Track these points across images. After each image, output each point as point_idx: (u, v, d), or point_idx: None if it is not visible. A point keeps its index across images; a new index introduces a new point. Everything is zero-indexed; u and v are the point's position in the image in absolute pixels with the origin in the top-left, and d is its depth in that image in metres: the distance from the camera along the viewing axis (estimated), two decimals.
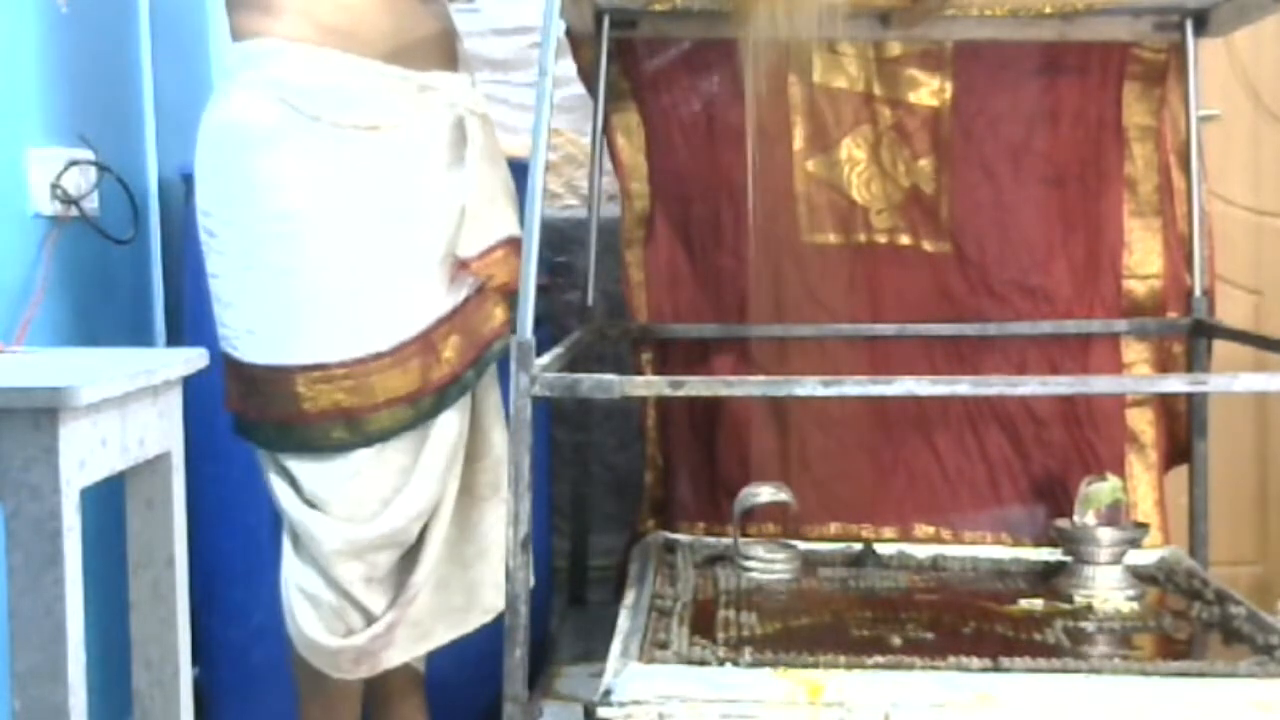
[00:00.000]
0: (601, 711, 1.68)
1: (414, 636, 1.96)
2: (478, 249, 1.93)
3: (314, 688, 2.02)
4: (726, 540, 2.33)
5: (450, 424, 1.94)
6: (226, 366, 1.92)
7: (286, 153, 1.84)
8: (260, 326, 1.88)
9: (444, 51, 2.00)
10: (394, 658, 1.96)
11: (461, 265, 1.92)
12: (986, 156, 2.47)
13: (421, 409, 1.90)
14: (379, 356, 1.87)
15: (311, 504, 1.90)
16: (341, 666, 1.94)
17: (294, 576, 1.93)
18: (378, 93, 1.89)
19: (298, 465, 1.91)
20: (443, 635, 1.99)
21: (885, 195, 2.49)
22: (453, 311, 1.92)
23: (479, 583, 1.98)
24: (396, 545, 1.93)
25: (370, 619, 1.93)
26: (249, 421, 1.93)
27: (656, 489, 2.55)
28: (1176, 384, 2.17)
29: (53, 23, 2.13)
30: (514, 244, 2.00)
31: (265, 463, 1.94)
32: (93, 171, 2.14)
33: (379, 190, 1.87)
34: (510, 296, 1.95)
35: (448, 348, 1.91)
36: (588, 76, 2.46)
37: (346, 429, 1.87)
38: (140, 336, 2.41)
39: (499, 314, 1.96)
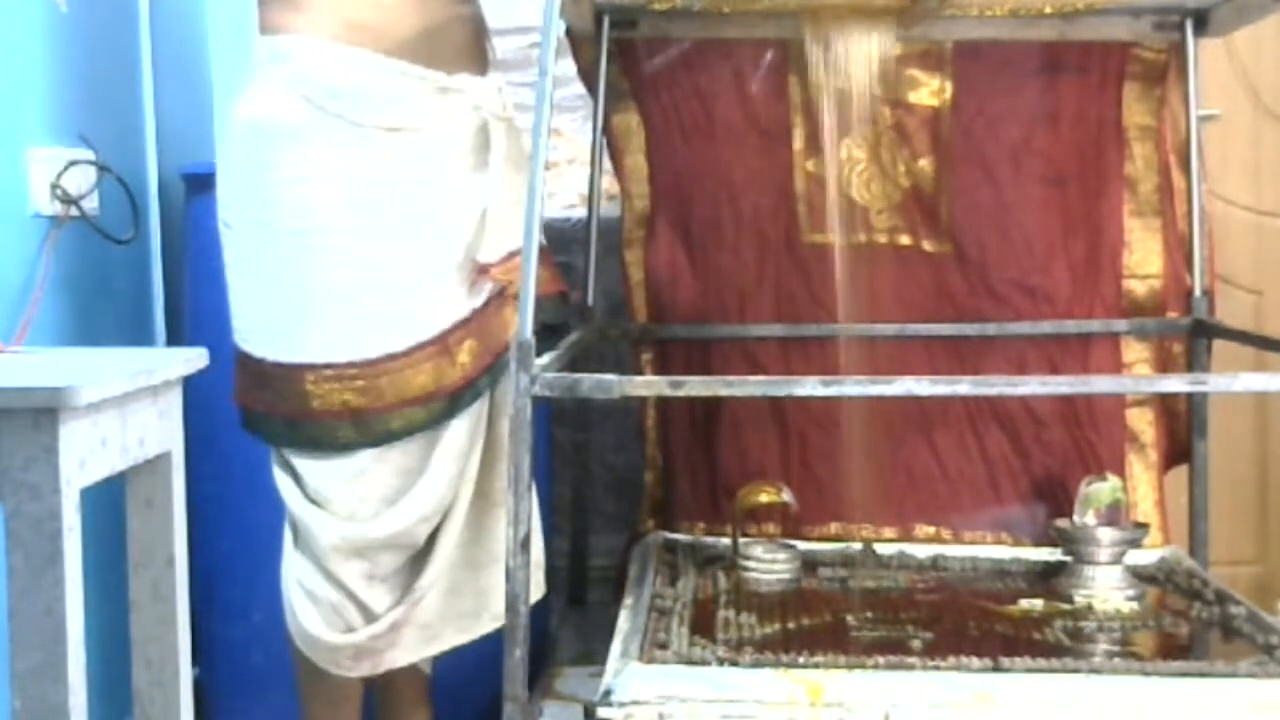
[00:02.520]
0: (602, 712, 1.68)
1: (422, 639, 1.95)
2: (499, 255, 1.92)
3: (315, 686, 2.02)
4: (726, 540, 2.33)
5: (461, 429, 1.93)
6: (237, 359, 1.93)
7: (306, 150, 1.84)
8: (270, 322, 1.88)
9: (473, 54, 2.00)
10: (399, 658, 1.95)
11: (482, 270, 1.92)
12: (986, 156, 2.47)
13: (433, 412, 1.90)
14: (392, 358, 1.87)
15: (314, 501, 1.90)
16: (341, 663, 1.93)
17: (294, 571, 1.93)
18: (400, 93, 1.88)
19: (302, 461, 1.91)
20: (451, 639, 1.98)
21: (885, 195, 2.49)
22: (470, 316, 1.92)
23: (490, 588, 1.97)
24: (400, 547, 1.93)
25: (371, 617, 1.92)
26: (256, 415, 1.93)
27: (656, 489, 2.55)
28: (1176, 384, 2.17)
29: (53, 23, 2.13)
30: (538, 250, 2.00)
31: (272, 456, 1.95)
32: (93, 171, 2.14)
33: (397, 191, 1.87)
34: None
35: (463, 352, 1.91)
36: (588, 76, 2.46)
37: (354, 429, 1.87)
38: (140, 336, 2.41)
39: (512, 317, 1.95)
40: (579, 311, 2.42)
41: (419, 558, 1.95)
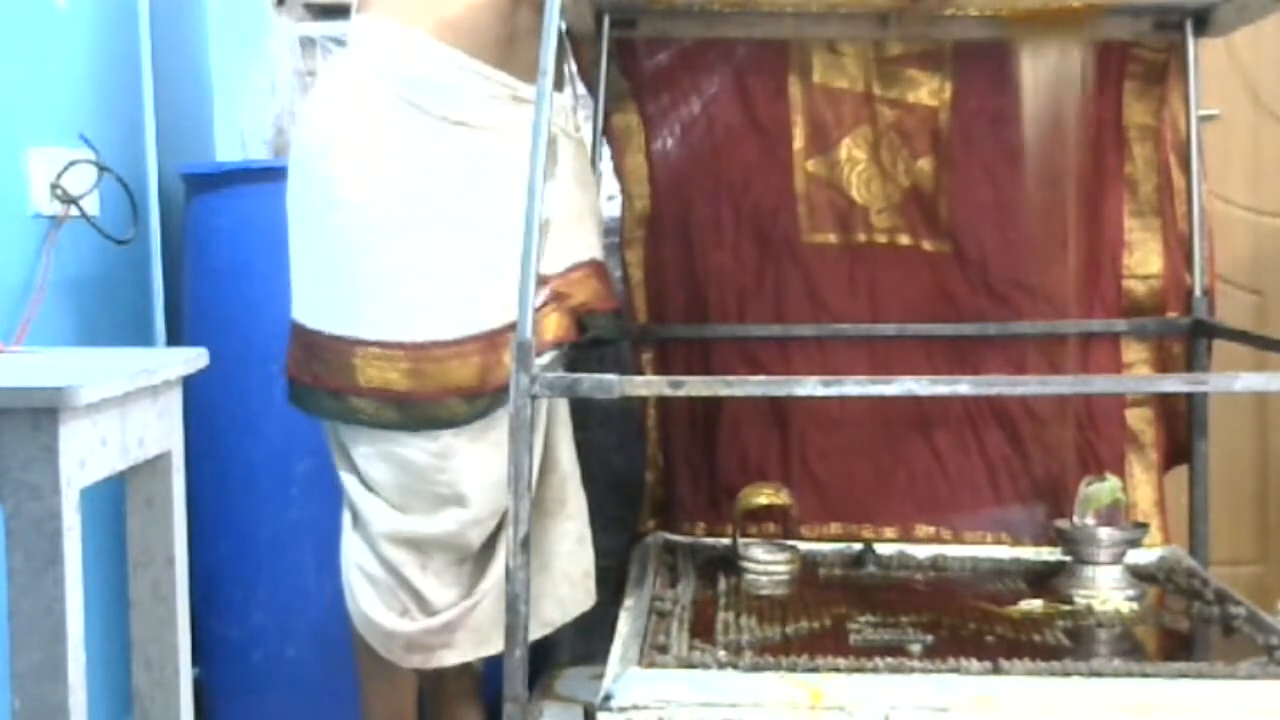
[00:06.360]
0: (601, 716, 1.68)
1: (474, 642, 1.97)
2: (560, 267, 1.96)
3: (373, 666, 2.04)
4: (726, 541, 2.33)
5: None
6: (291, 330, 1.97)
7: (376, 132, 1.89)
8: (325, 294, 1.92)
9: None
10: (451, 657, 1.97)
11: (542, 281, 1.92)
12: (986, 156, 2.47)
13: (476, 407, 1.92)
14: (440, 345, 1.89)
15: (369, 487, 1.94)
16: (394, 651, 1.96)
17: (351, 553, 1.96)
18: (478, 94, 1.92)
19: (353, 443, 1.94)
20: (499, 644, 1.95)
21: (885, 195, 2.49)
22: None
23: (539, 595, 1.98)
24: (453, 548, 1.95)
25: (426, 605, 1.94)
26: (303, 388, 1.96)
27: (657, 489, 2.55)
28: (1176, 384, 2.17)
29: (52, 22, 2.13)
30: (596, 266, 2.05)
31: (328, 438, 1.99)
32: (93, 171, 2.14)
33: (461, 185, 1.91)
34: (585, 314, 2.00)
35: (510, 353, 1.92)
36: (588, 76, 2.46)
37: (397, 410, 1.90)
38: (140, 336, 2.41)
39: (555, 322, 1.96)
40: None
41: (479, 559, 1.97)
